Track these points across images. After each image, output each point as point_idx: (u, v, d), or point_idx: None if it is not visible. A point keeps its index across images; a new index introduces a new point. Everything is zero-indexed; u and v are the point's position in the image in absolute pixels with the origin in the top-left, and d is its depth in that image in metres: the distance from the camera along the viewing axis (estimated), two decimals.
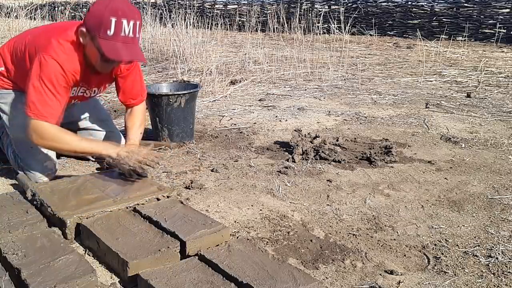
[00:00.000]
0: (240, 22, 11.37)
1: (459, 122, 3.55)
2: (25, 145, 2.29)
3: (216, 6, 12.62)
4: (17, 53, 2.23)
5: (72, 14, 12.73)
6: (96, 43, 2.00)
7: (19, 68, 2.22)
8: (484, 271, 1.61)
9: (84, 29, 2.03)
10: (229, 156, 2.80)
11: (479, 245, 1.78)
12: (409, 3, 9.88)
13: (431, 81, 5.15)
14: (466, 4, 9.09)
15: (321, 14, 8.90)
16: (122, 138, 2.76)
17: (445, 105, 4.05)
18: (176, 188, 2.29)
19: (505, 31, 8.36)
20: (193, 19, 7.63)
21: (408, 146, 2.98)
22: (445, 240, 1.82)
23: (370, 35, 9.34)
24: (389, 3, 10.10)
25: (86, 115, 2.61)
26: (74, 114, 2.56)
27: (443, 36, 8.15)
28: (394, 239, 1.83)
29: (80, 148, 2.13)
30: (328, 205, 2.14)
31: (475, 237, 1.84)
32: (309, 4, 10.96)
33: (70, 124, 2.59)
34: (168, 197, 2.01)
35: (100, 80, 2.33)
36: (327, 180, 2.42)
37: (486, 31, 8.65)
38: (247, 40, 7.68)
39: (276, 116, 3.72)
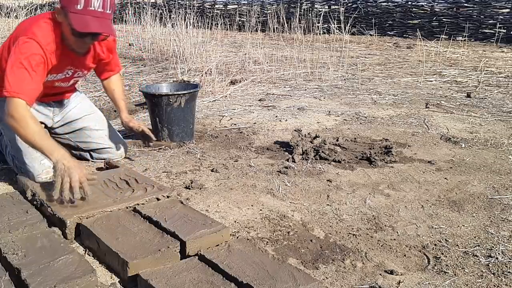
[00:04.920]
0: (240, 22, 11.37)
1: (459, 122, 3.55)
2: (22, 145, 2.28)
3: (216, 6, 12.61)
4: (6, 52, 2.22)
5: None
6: (68, 18, 2.06)
7: None
8: (484, 271, 1.61)
9: (59, 6, 2.10)
10: (229, 156, 2.80)
11: (479, 245, 1.78)
12: (409, 3, 9.87)
13: (431, 81, 5.15)
14: (466, 4, 9.09)
15: (321, 14, 8.89)
16: (121, 138, 2.77)
17: (445, 105, 4.04)
18: (176, 188, 2.29)
19: (505, 31, 8.36)
20: (193, 19, 7.62)
21: (408, 146, 2.98)
22: (445, 240, 1.82)
23: (370, 35, 9.34)
24: (389, 3, 10.09)
25: (84, 114, 2.62)
26: (72, 115, 2.60)
27: (443, 36, 8.14)
28: (394, 239, 1.83)
29: (33, 140, 2.00)
30: (328, 205, 2.14)
31: (475, 237, 1.84)
32: (309, 4, 10.95)
33: (69, 124, 2.60)
34: (168, 197, 2.01)
35: (83, 62, 2.37)
36: (327, 180, 2.42)
37: (486, 31, 8.64)
38: (247, 40, 7.68)
39: (276, 116, 3.72)
